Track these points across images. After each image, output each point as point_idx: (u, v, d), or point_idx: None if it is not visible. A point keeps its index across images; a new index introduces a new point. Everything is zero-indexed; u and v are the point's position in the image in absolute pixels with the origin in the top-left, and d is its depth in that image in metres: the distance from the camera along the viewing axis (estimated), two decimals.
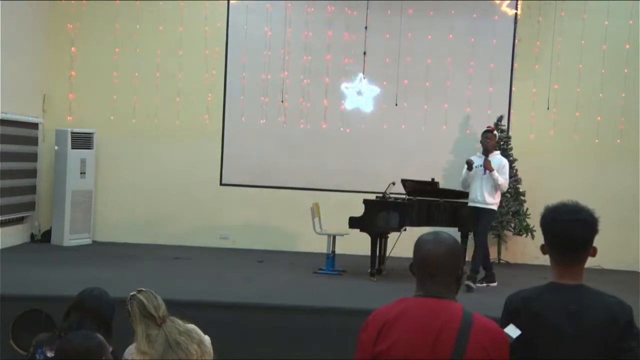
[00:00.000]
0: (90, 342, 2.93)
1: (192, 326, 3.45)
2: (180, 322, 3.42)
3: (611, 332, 2.37)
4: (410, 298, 2.42)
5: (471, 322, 2.29)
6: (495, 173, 7.64)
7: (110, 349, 3.16)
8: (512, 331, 2.45)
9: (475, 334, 2.27)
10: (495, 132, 8.13)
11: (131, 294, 3.45)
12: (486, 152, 7.82)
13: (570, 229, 2.46)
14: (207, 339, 3.48)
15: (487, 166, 7.69)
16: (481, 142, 7.95)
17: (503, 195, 9.47)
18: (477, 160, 7.85)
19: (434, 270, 2.36)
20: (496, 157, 7.85)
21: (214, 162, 10.02)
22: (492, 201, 7.77)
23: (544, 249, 2.56)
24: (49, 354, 3.41)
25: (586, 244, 2.49)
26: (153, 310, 3.36)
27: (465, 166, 7.85)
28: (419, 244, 2.43)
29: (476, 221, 7.78)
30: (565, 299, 2.45)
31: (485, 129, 8.09)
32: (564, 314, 2.42)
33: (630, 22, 9.59)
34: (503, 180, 7.73)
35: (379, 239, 8.12)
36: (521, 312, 2.50)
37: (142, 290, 3.45)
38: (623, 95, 9.65)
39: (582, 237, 2.47)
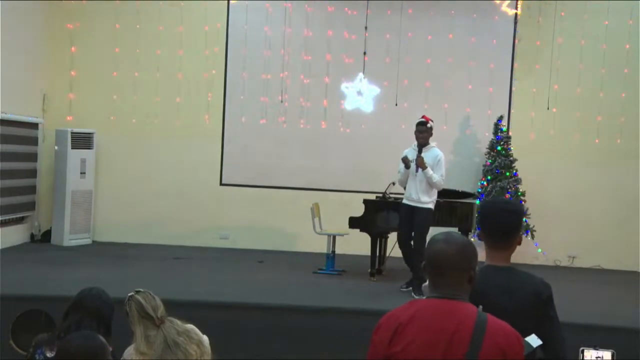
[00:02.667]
0: (92, 343, 2.91)
1: (190, 326, 3.44)
2: (179, 322, 3.40)
3: (537, 305, 2.83)
4: (422, 300, 2.43)
5: (485, 324, 2.30)
6: (429, 171, 7.05)
7: (110, 349, 3.15)
8: (534, 341, 2.56)
9: (490, 335, 2.28)
10: (430, 124, 7.27)
11: (129, 294, 3.43)
12: (420, 148, 7.21)
13: (500, 215, 2.91)
14: (205, 339, 3.47)
15: (419, 164, 7.08)
16: (415, 135, 7.30)
17: (502, 195, 9.46)
18: (413, 153, 7.26)
19: (443, 270, 2.37)
20: (431, 150, 7.23)
21: (214, 162, 10.02)
22: (428, 200, 7.18)
23: (480, 235, 2.97)
24: (49, 354, 3.39)
25: (513, 229, 2.90)
26: (151, 311, 3.34)
27: (402, 165, 7.26)
28: (430, 244, 2.46)
29: (409, 223, 7.25)
30: (501, 278, 2.85)
31: (419, 119, 7.36)
32: (501, 292, 2.79)
33: (630, 21, 9.60)
34: (438, 177, 7.09)
35: (379, 239, 8.11)
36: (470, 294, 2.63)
37: (140, 291, 3.43)
38: (623, 95, 9.66)
39: (509, 223, 2.90)
